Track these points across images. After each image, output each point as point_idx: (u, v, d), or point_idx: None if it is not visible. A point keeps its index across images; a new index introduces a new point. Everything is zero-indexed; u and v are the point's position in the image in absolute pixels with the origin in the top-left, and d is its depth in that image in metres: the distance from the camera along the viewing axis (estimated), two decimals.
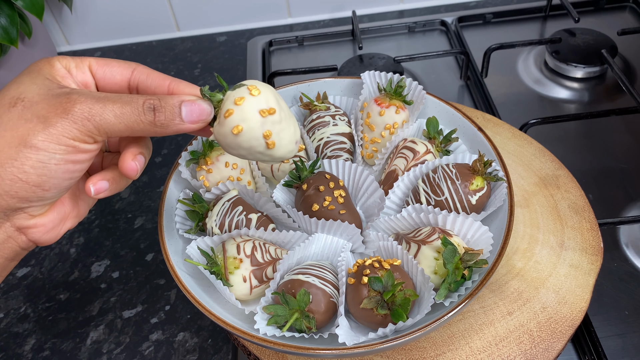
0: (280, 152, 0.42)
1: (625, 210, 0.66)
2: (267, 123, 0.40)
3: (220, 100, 0.41)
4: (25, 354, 0.61)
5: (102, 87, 0.41)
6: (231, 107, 0.39)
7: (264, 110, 0.40)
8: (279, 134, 0.41)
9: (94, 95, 0.36)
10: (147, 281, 0.67)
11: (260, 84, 0.41)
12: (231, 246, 0.49)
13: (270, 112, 0.40)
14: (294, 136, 0.42)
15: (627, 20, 0.94)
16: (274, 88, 0.42)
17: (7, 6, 0.77)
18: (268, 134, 0.40)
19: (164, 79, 0.41)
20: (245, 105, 0.39)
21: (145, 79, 0.41)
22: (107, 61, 0.41)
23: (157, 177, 0.79)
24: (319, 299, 0.46)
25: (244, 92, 0.40)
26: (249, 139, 0.40)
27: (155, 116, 0.37)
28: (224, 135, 0.40)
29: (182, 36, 1.04)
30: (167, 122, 0.38)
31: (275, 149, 0.41)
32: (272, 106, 0.40)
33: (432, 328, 0.44)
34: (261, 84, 0.41)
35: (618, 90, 0.82)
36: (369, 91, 0.62)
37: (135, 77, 0.41)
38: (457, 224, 0.50)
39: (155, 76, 0.41)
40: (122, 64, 0.41)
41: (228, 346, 0.60)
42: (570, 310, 0.52)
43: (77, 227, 0.74)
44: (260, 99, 0.40)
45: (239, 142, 0.40)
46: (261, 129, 0.40)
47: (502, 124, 0.70)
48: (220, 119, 0.40)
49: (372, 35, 0.97)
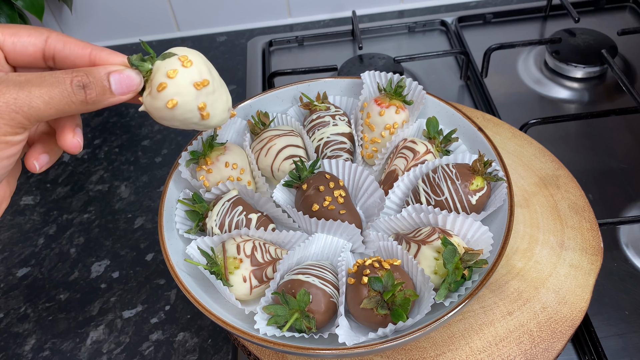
0: (214, 121, 0.42)
1: (625, 210, 0.66)
2: (202, 95, 0.40)
3: (149, 70, 0.39)
4: (25, 354, 0.61)
5: (13, 60, 0.38)
6: (164, 80, 0.38)
7: (198, 82, 0.39)
8: (212, 105, 0.41)
9: (16, 81, 0.33)
10: (147, 281, 0.67)
11: (191, 52, 0.40)
12: (231, 246, 0.49)
13: (204, 83, 0.39)
14: (227, 104, 0.43)
15: (627, 20, 0.94)
16: (207, 59, 0.41)
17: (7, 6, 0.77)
18: (203, 106, 0.40)
19: (84, 46, 0.38)
20: (179, 78, 0.38)
21: (62, 48, 0.38)
22: (15, 29, 0.38)
23: (157, 177, 0.79)
24: (319, 299, 0.46)
25: (176, 64, 0.39)
26: (183, 112, 0.39)
27: (86, 94, 0.35)
28: (157, 109, 0.39)
29: (182, 36, 1.04)
30: (98, 97, 0.36)
31: (210, 119, 0.41)
32: (206, 77, 0.40)
33: (432, 328, 0.44)
34: (191, 51, 0.40)
35: (618, 90, 0.82)
36: (369, 91, 0.62)
37: (50, 47, 0.38)
38: (457, 224, 0.50)
39: (73, 44, 0.38)
40: (32, 32, 0.38)
41: (228, 346, 0.60)
42: (570, 310, 0.52)
43: (77, 227, 0.74)
44: (194, 71, 0.39)
45: (174, 115, 0.40)
46: (196, 102, 0.39)
47: (502, 124, 0.70)
48: (153, 91, 0.39)
49: (372, 35, 0.97)
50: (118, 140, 0.86)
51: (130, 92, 0.38)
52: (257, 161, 0.59)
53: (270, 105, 0.65)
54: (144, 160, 0.82)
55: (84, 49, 0.38)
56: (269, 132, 0.59)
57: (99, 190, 0.79)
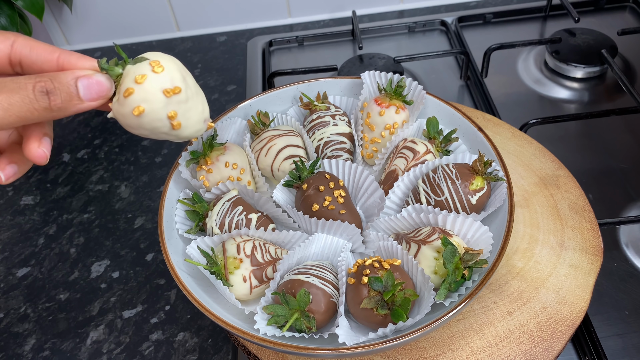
0: (186, 132, 0.39)
1: (625, 210, 0.66)
2: (172, 103, 0.37)
3: (120, 75, 0.37)
4: (25, 354, 0.61)
5: None
6: (131, 86, 0.36)
7: (168, 89, 0.36)
8: (185, 114, 0.38)
9: None
10: (147, 281, 0.67)
11: (164, 58, 0.38)
12: (231, 246, 0.49)
13: (175, 91, 0.37)
14: (202, 114, 0.40)
15: (627, 20, 0.94)
16: (181, 63, 0.39)
17: (7, 6, 0.77)
18: (173, 115, 0.37)
19: (52, 51, 0.36)
20: (147, 84, 0.36)
21: (29, 53, 0.36)
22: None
23: (157, 177, 0.79)
24: (319, 299, 0.46)
25: (146, 69, 0.36)
26: (151, 121, 0.37)
27: (50, 101, 0.33)
28: (123, 115, 0.37)
29: (182, 36, 1.04)
30: (64, 104, 0.34)
31: (182, 129, 0.39)
32: (178, 84, 0.37)
33: (432, 328, 0.44)
34: (165, 57, 0.38)
35: (618, 90, 0.82)
36: (369, 91, 0.62)
37: (16, 51, 0.36)
38: (457, 224, 0.50)
39: (40, 49, 0.36)
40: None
41: (228, 346, 0.60)
42: (570, 310, 0.52)
43: (77, 227, 0.74)
44: (164, 77, 0.36)
45: (140, 123, 0.37)
46: (165, 110, 0.37)
47: (502, 124, 0.70)
48: (120, 97, 0.36)
49: (372, 35, 0.97)
50: (118, 140, 0.86)
51: (100, 97, 0.36)
52: (257, 161, 0.59)
53: (270, 105, 0.65)
54: (144, 160, 0.82)
55: (52, 53, 0.36)
56: (269, 132, 0.59)
57: (99, 190, 0.79)
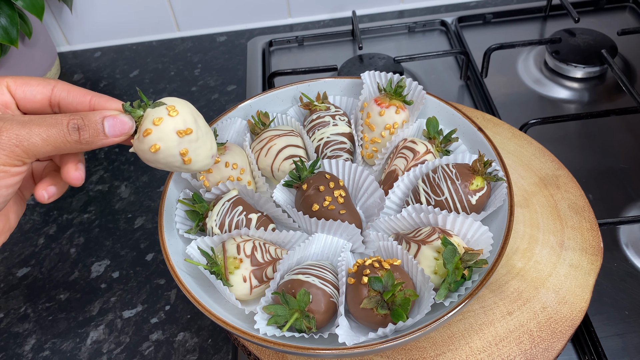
0: (196, 166, 0.45)
1: (625, 210, 0.66)
2: (184, 142, 0.43)
3: (140, 117, 0.43)
4: (25, 354, 0.61)
5: (23, 107, 0.43)
6: (150, 127, 0.42)
7: (181, 130, 0.43)
8: (195, 151, 0.44)
9: (19, 120, 0.38)
10: (147, 281, 0.67)
11: (180, 104, 0.44)
12: (231, 246, 0.49)
13: (187, 132, 0.43)
14: (210, 151, 0.46)
15: (627, 20, 0.94)
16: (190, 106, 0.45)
17: (7, 6, 0.77)
18: (185, 152, 0.43)
19: (85, 94, 0.43)
20: (163, 125, 0.42)
21: (66, 96, 0.42)
22: (26, 80, 0.42)
23: (157, 177, 0.79)
24: (319, 299, 0.46)
25: (163, 113, 0.42)
26: (165, 157, 0.43)
27: (80, 135, 0.39)
28: (142, 151, 0.43)
29: (182, 36, 1.04)
30: (91, 139, 0.40)
31: (192, 164, 0.45)
32: (189, 126, 0.43)
33: (432, 328, 0.44)
34: (180, 102, 0.44)
35: (618, 90, 0.82)
36: (369, 91, 0.62)
37: (55, 95, 0.42)
38: (457, 224, 0.50)
39: (76, 92, 0.43)
40: (40, 82, 0.42)
41: (228, 346, 0.60)
42: (570, 310, 0.52)
43: (77, 227, 0.74)
44: (178, 120, 0.43)
45: (157, 159, 0.43)
46: (178, 148, 0.43)
47: (502, 124, 0.70)
48: (140, 136, 0.42)
49: (372, 35, 0.97)
50: None
51: (123, 134, 0.42)
52: (257, 161, 0.59)
53: (270, 105, 0.65)
54: None
55: (85, 96, 0.42)
56: (269, 132, 0.59)
57: (99, 190, 0.79)
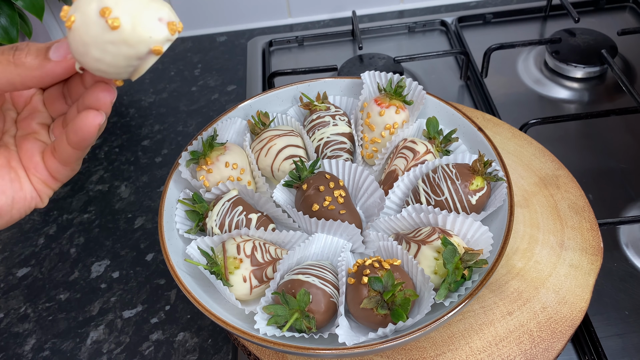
0: (136, 34, 0.31)
1: (625, 210, 0.66)
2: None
3: None
4: (25, 354, 0.61)
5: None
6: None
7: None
8: (123, 7, 0.31)
9: None
10: (147, 281, 0.67)
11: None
12: (231, 246, 0.49)
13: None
14: (156, 12, 0.32)
15: (627, 20, 0.94)
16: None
17: (7, 6, 0.77)
18: (106, 10, 0.31)
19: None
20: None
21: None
22: None
23: (157, 177, 0.79)
24: (319, 299, 0.46)
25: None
26: (86, 26, 0.31)
27: (24, 54, 0.34)
28: (70, 43, 0.33)
29: (182, 36, 1.04)
30: (34, 61, 0.34)
31: (123, 31, 0.31)
32: None
33: (432, 328, 0.44)
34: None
35: (618, 90, 0.82)
36: (369, 91, 0.62)
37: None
38: (457, 224, 0.50)
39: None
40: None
41: (228, 346, 0.60)
42: (570, 310, 0.52)
43: (77, 227, 0.74)
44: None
45: (80, 38, 0.32)
46: (96, 5, 0.31)
47: (502, 124, 0.70)
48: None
49: (372, 35, 0.97)
50: (118, 140, 0.86)
51: (68, 55, 0.34)
52: (257, 161, 0.59)
53: (270, 105, 0.65)
54: (144, 160, 0.82)
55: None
56: (269, 132, 0.60)
57: (99, 190, 0.79)
